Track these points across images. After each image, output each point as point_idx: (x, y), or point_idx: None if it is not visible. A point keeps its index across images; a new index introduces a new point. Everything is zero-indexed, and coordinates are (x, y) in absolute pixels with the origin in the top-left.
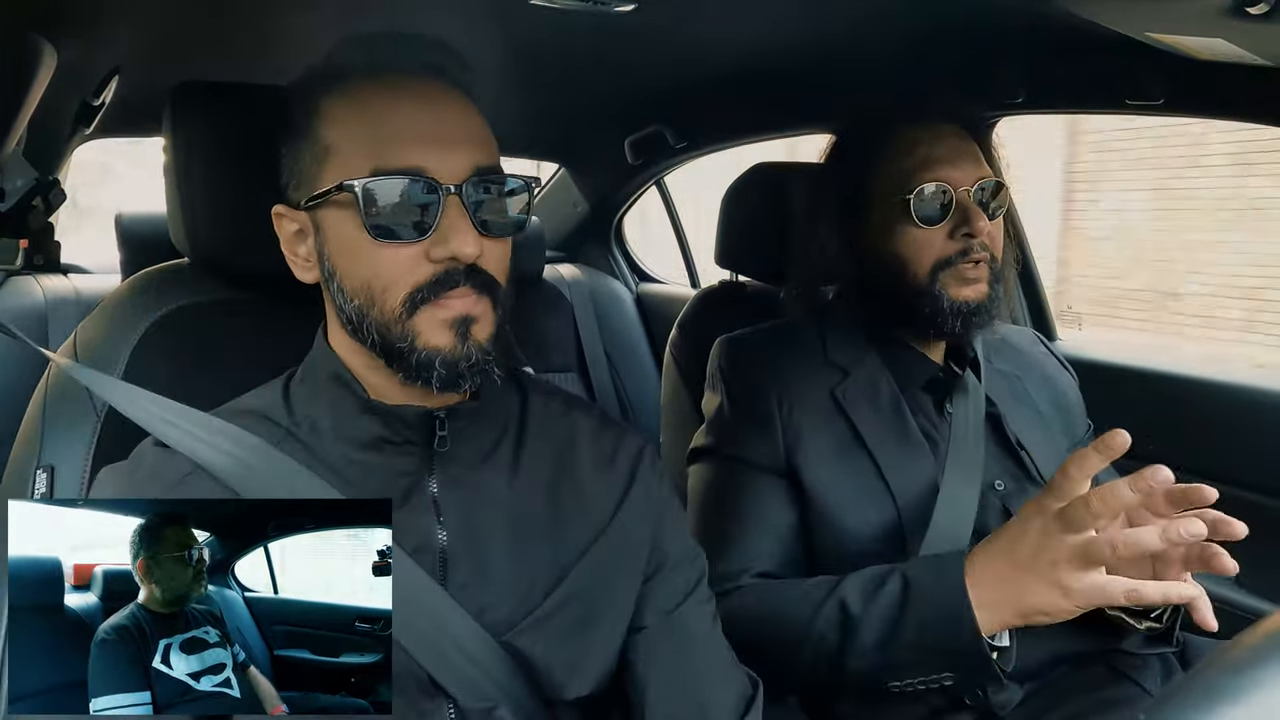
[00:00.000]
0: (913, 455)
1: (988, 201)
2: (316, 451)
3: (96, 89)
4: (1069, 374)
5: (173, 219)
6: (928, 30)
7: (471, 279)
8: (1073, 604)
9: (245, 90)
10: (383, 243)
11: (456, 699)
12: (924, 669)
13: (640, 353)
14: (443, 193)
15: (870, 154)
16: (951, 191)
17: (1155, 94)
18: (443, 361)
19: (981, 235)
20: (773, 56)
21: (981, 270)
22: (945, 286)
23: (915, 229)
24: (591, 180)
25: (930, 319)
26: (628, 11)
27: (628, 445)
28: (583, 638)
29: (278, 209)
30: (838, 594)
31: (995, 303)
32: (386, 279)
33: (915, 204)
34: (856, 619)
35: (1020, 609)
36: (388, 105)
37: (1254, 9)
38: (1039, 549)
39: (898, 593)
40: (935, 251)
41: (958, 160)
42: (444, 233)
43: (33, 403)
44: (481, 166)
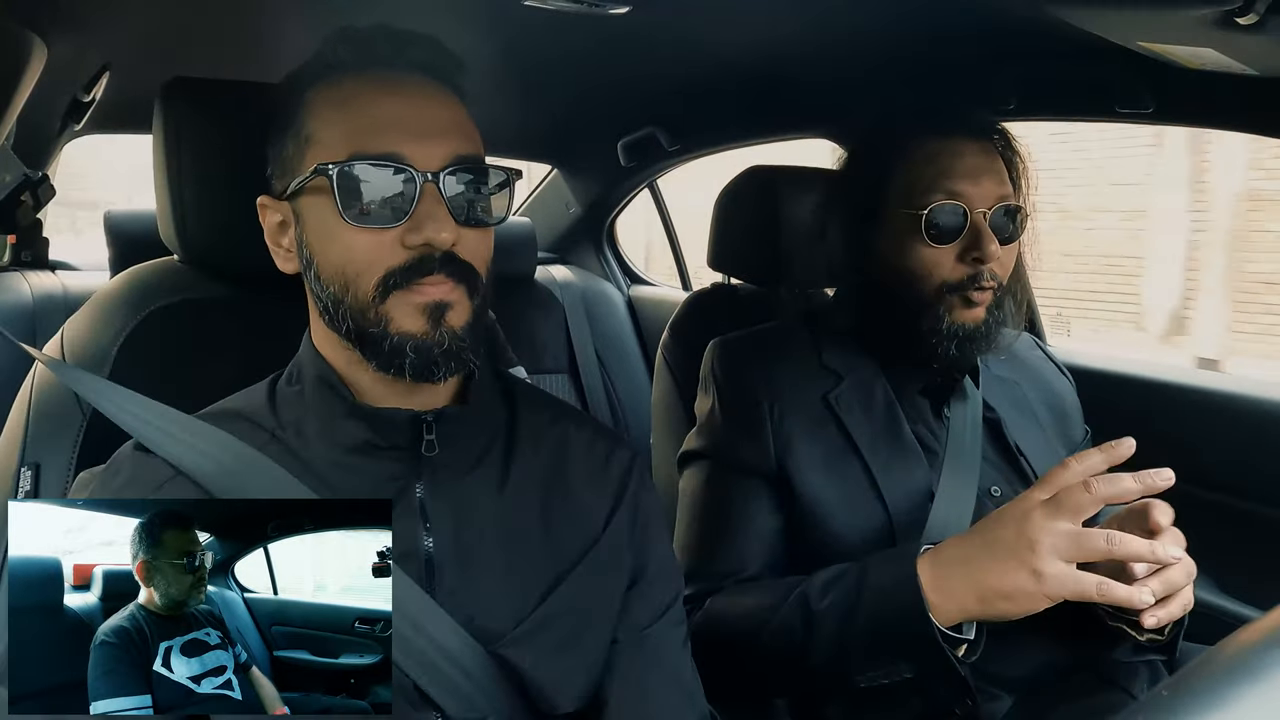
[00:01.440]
0: (906, 462)
1: (1005, 225)
2: (302, 456)
3: (86, 85)
4: (1067, 379)
5: (161, 216)
6: (919, 36)
7: (446, 266)
8: (1042, 590)
9: (235, 87)
10: (358, 227)
11: (444, 709)
12: (880, 658)
13: (632, 355)
14: (419, 179)
15: (888, 161)
16: (967, 211)
17: (1146, 102)
18: (414, 347)
19: (992, 261)
20: (766, 60)
21: (985, 295)
22: (949, 309)
23: (926, 246)
24: (584, 182)
25: (926, 337)
26: (622, 14)
27: (618, 458)
28: (573, 652)
29: (262, 200)
30: (801, 589)
31: (993, 327)
32: (360, 264)
33: (928, 220)
34: (817, 613)
35: (981, 591)
36: (371, 97)
37: (1243, 20)
38: (1019, 532)
39: (854, 584)
40: (944, 273)
41: (978, 178)
42: (419, 219)
43: (18, 400)
44: (461, 155)
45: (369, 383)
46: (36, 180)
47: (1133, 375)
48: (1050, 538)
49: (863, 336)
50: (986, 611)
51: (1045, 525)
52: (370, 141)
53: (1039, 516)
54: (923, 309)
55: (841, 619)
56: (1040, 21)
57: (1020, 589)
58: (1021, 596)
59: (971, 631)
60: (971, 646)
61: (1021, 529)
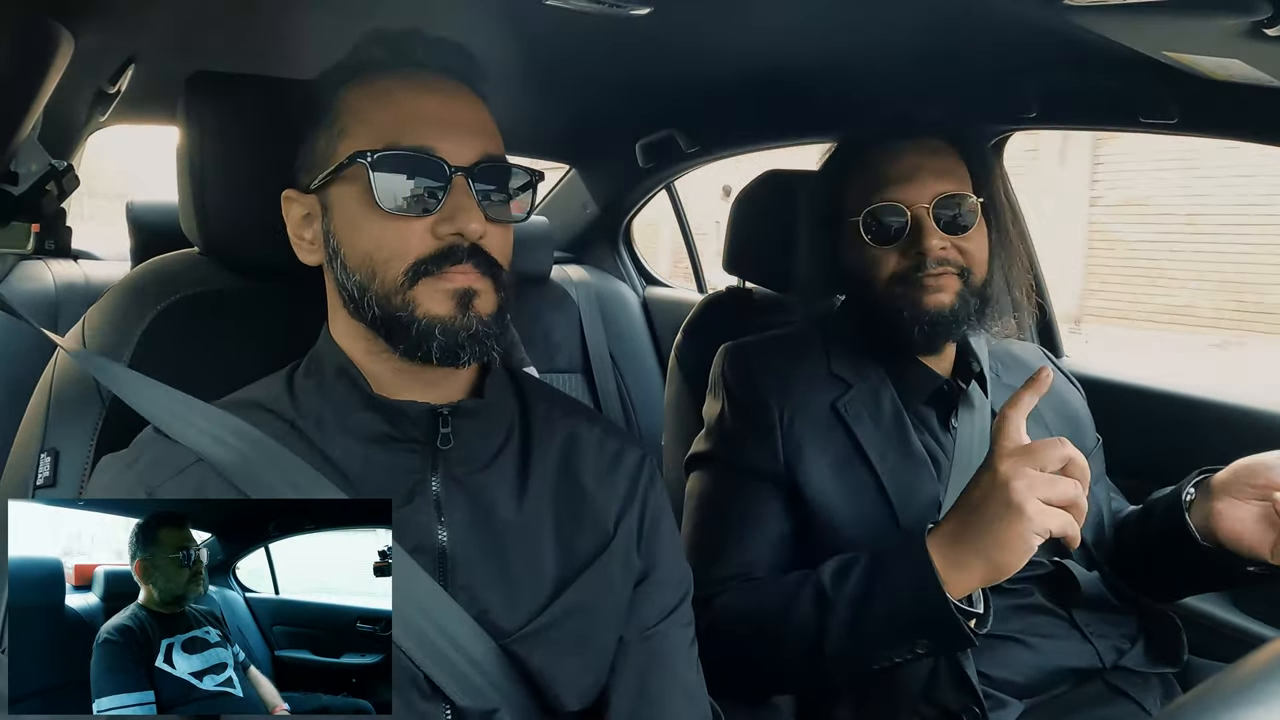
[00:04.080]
0: (914, 470)
1: (950, 217)
2: (320, 446)
3: (113, 76)
4: (1077, 389)
5: (183, 208)
6: (943, 43)
7: (474, 257)
8: (1028, 527)
9: (260, 82)
10: (389, 216)
11: (454, 700)
12: (898, 639)
13: (645, 356)
14: (451, 172)
15: (845, 172)
16: (905, 210)
17: (1170, 113)
18: (442, 330)
19: (934, 253)
20: (787, 65)
21: (944, 280)
22: (902, 298)
23: (869, 248)
24: (601, 182)
25: (896, 330)
26: (643, 15)
27: (629, 457)
28: (581, 651)
29: (287, 193)
30: (813, 579)
31: (965, 312)
32: (390, 251)
33: (865, 223)
34: (831, 600)
35: (980, 548)
36: (405, 94)
37: (1272, 31)
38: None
39: (867, 567)
40: (890, 268)
41: (914, 176)
42: (450, 210)
43: (39, 387)
44: (490, 154)
45: (388, 375)
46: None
47: (1143, 386)
48: (1022, 479)
49: (870, 343)
50: (991, 569)
51: (1015, 469)
52: (404, 134)
53: (1010, 463)
54: (882, 308)
55: (857, 604)
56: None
57: (1011, 531)
58: (1013, 541)
59: (980, 605)
60: (981, 620)
61: (994, 479)
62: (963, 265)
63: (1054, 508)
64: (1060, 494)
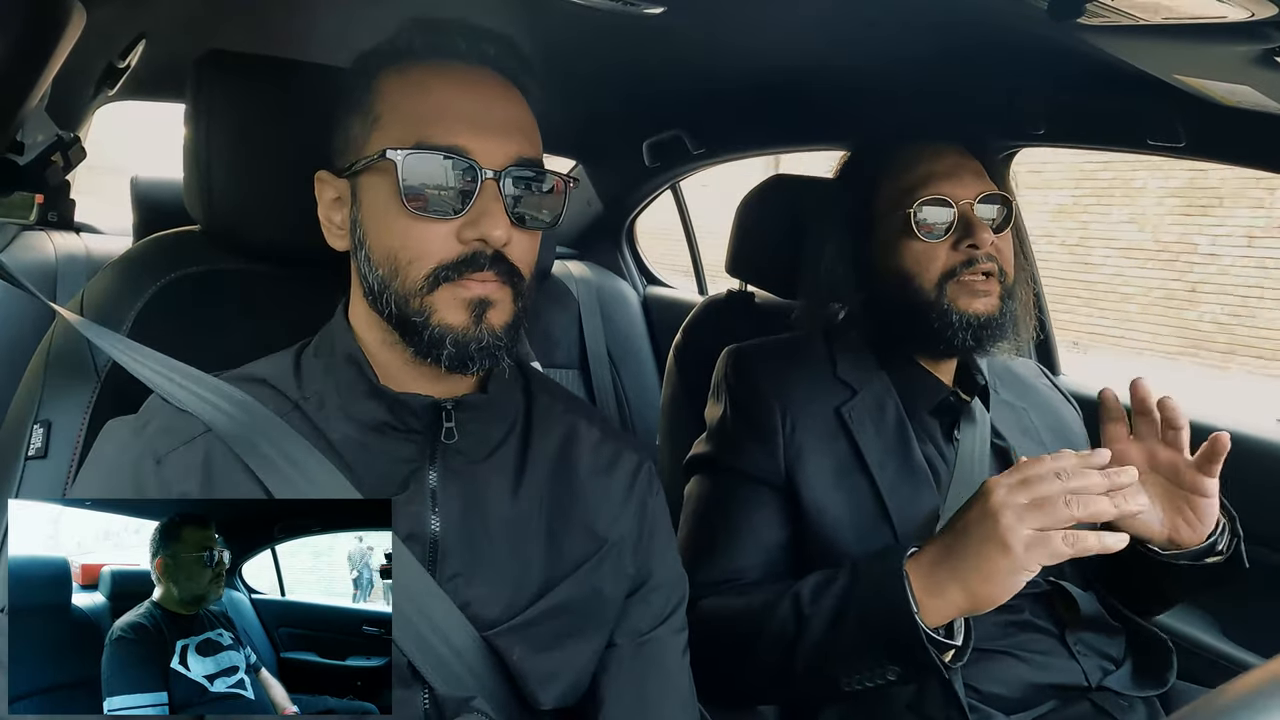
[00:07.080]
0: (914, 481)
1: (992, 215)
2: (320, 427)
3: (123, 52)
4: (1073, 407)
5: (188, 186)
6: (953, 56)
7: (496, 265)
8: (1015, 562)
9: (270, 63)
10: (415, 215)
11: (433, 686)
12: (867, 662)
13: (643, 355)
14: (481, 175)
15: (875, 173)
16: (953, 205)
17: (1178, 136)
18: (454, 340)
19: (985, 247)
20: (798, 70)
21: (991, 284)
22: (954, 299)
23: (918, 243)
24: (607, 179)
25: (940, 333)
26: (656, 14)
27: (627, 460)
28: (564, 650)
29: (321, 174)
30: (794, 591)
31: (1007, 318)
32: (413, 251)
33: (916, 218)
34: (806, 614)
35: (963, 579)
36: (441, 88)
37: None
38: (983, 511)
39: (845, 585)
40: (940, 264)
41: (959, 175)
42: (476, 215)
43: (35, 357)
44: (523, 158)
45: (396, 365)
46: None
47: None
48: (1011, 510)
49: (877, 351)
50: (971, 600)
51: (1006, 500)
52: (437, 132)
53: (1001, 493)
54: (929, 305)
55: (831, 621)
56: (1077, 49)
57: (995, 566)
58: (998, 574)
59: (960, 637)
60: (959, 652)
61: (985, 508)
62: (1000, 267)
63: (1049, 533)
64: (1055, 520)
